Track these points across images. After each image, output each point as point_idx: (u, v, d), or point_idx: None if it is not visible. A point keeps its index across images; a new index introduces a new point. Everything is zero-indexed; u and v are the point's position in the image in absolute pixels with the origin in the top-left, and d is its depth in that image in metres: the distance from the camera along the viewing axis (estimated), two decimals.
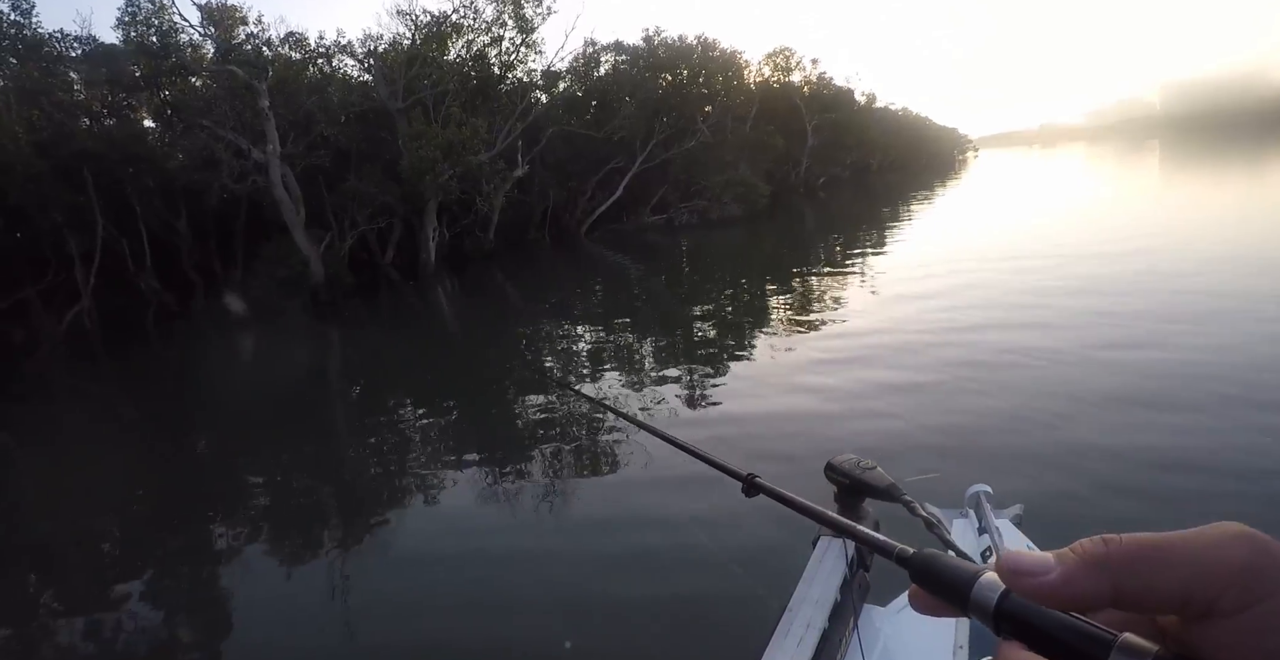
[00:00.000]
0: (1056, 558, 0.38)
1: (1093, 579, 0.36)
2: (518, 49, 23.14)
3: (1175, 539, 0.36)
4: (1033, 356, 8.38)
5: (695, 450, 0.89)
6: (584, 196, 28.72)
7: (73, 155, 15.95)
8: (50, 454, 9.76)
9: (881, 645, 1.73)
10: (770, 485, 0.72)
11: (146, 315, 18.61)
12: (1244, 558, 0.34)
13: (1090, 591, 0.36)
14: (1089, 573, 0.36)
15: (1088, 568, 0.37)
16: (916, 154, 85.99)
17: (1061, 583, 0.37)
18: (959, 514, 2.42)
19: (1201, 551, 0.35)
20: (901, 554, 0.46)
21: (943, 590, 0.41)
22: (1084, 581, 0.36)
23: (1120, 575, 0.36)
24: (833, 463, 1.77)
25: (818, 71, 47.59)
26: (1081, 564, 0.37)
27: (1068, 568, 0.37)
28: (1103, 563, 0.36)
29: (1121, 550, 0.36)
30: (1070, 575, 0.37)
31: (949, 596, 0.40)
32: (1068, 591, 0.37)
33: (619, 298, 17.24)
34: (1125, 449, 5.76)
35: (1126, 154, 68.35)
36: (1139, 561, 0.36)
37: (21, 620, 5.30)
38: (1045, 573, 0.37)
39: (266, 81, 16.69)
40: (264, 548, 6.04)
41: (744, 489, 0.78)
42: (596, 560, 5.11)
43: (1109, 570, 0.36)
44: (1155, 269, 12.40)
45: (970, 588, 0.39)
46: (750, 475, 0.78)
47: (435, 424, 9.24)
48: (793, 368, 9.33)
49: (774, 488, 0.70)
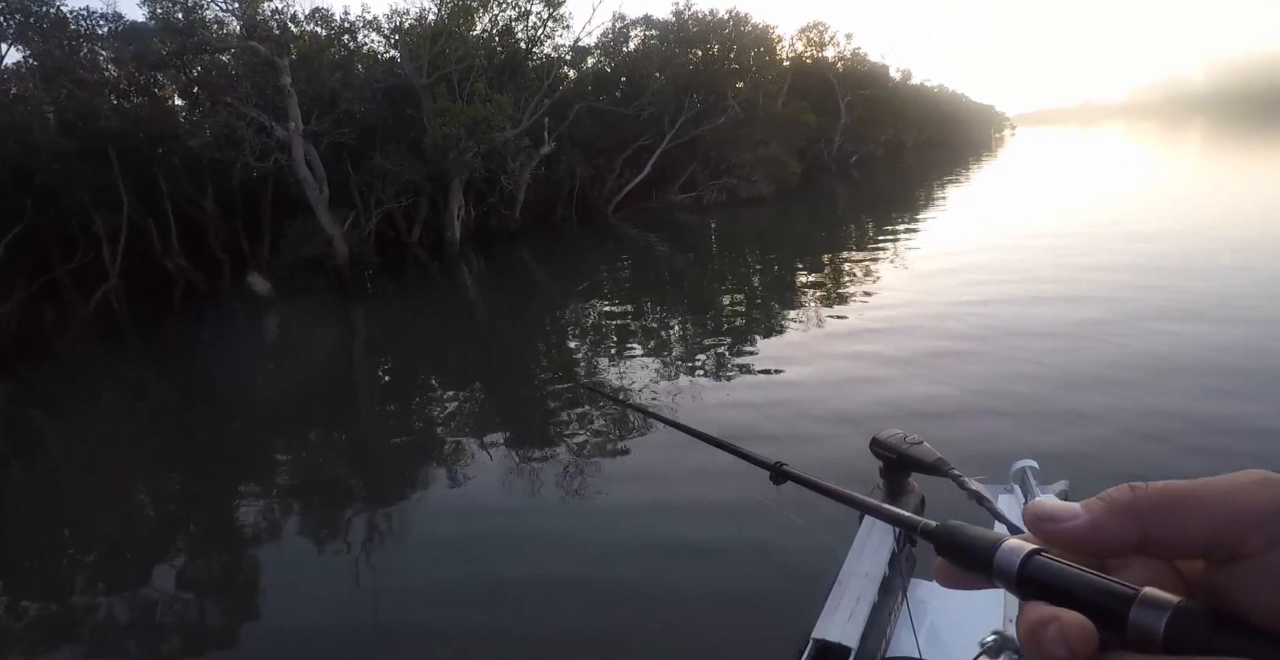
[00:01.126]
0: (1084, 506, 0.38)
1: (1121, 524, 0.37)
2: (544, 23, 22.61)
3: (1201, 485, 0.36)
4: (1081, 332, 8.15)
5: (721, 442, 0.86)
6: (612, 174, 28.23)
7: (97, 134, 15.82)
8: (80, 434, 9.82)
9: (930, 619, 1.71)
10: (797, 471, 0.71)
11: (173, 294, 18.59)
12: (1269, 500, 0.34)
13: (1118, 536, 0.37)
14: (1117, 518, 0.37)
15: (1116, 514, 0.37)
16: (952, 132, 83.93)
17: (1090, 528, 0.37)
18: (1004, 489, 2.39)
19: (1227, 495, 0.35)
20: (925, 527, 0.45)
21: (967, 560, 0.41)
22: (1112, 527, 0.37)
23: (1148, 520, 0.36)
24: (878, 438, 1.78)
25: (852, 47, 46.40)
26: (1109, 510, 0.37)
27: (1095, 514, 0.37)
28: (1130, 508, 0.37)
29: (1148, 496, 0.37)
30: (1098, 521, 0.37)
31: (973, 566, 0.40)
32: (1096, 537, 0.37)
33: (646, 277, 16.87)
34: (1176, 422, 5.66)
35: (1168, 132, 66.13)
36: (1166, 507, 0.36)
37: (55, 596, 5.38)
38: (1073, 518, 0.38)
39: (288, 58, 16.37)
40: (289, 526, 6.08)
41: (771, 477, 0.78)
42: (633, 542, 4.96)
43: (1136, 516, 0.37)
44: (1196, 248, 11.83)
45: (993, 554, 0.39)
46: (778, 463, 0.78)
47: (456, 406, 9.06)
48: (829, 344, 9.06)
49: (801, 474, 0.69)
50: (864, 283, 12.86)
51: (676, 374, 8.66)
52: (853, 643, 1.52)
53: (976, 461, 4.84)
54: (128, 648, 4.70)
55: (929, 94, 73.44)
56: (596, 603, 4.37)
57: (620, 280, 16.74)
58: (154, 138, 16.84)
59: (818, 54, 43.10)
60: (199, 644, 4.64)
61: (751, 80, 32.03)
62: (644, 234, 23.53)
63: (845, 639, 1.53)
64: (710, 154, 30.18)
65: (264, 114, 16.59)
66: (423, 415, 8.86)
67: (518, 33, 22.51)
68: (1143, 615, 0.34)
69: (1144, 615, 0.34)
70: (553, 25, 22.82)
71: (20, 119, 14.68)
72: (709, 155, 30.25)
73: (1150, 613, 0.34)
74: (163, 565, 5.63)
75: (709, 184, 30.26)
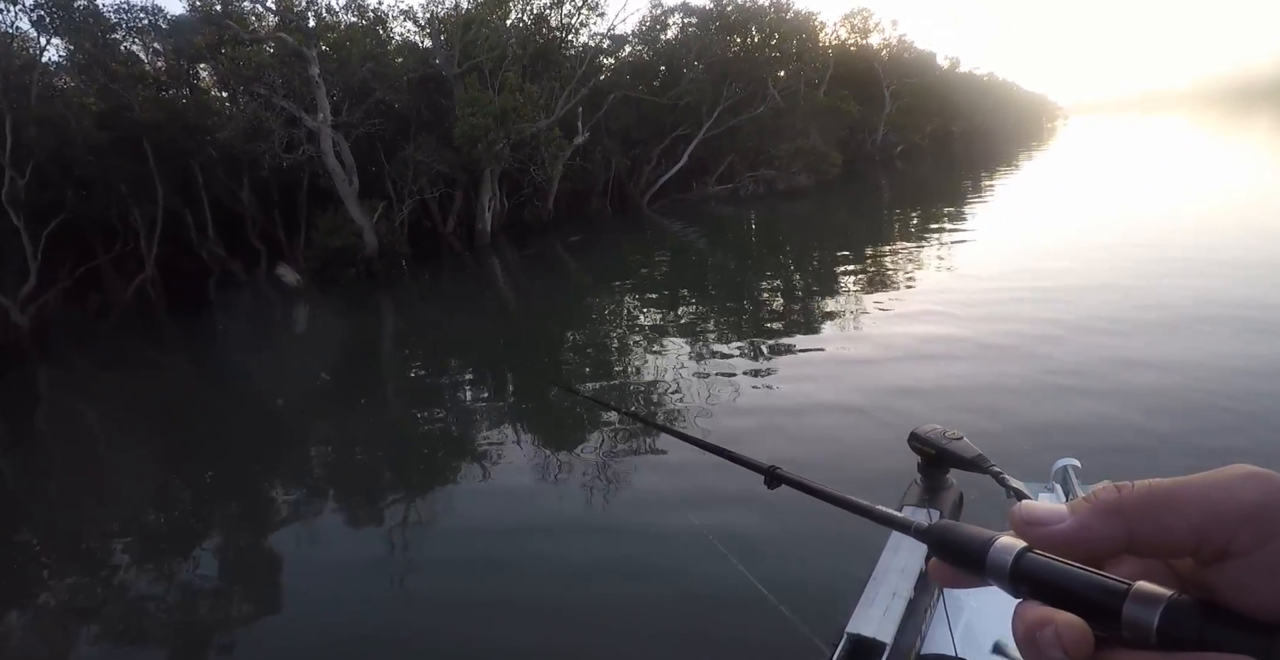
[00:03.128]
0: (1070, 508, 0.38)
1: (1107, 524, 0.36)
2: (579, 10, 22.25)
3: (1187, 482, 0.36)
4: (1133, 331, 7.73)
5: (716, 446, 0.87)
6: (649, 165, 27.82)
7: (132, 126, 15.99)
8: (112, 419, 10.04)
9: (966, 617, 1.69)
10: (790, 475, 0.73)
11: (208, 284, 18.82)
12: (1256, 497, 0.34)
13: (1105, 536, 0.36)
14: (1103, 519, 0.36)
15: (1102, 514, 0.37)
16: (1002, 121, 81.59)
17: (1076, 529, 0.37)
18: (1044, 488, 2.31)
19: (1214, 493, 0.35)
20: (918, 528, 0.45)
21: (961, 559, 0.41)
22: (1099, 527, 0.36)
23: (1134, 519, 0.36)
24: (917, 432, 1.75)
25: (898, 34, 45.20)
26: (1095, 511, 0.37)
27: (1081, 515, 0.37)
28: (1116, 509, 0.36)
29: (1135, 496, 0.36)
30: (1084, 522, 0.37)
31: (967, 564, 0.40)
32: (1083, 537, 0.37)
33: (681, 271, 16.50)
34: (1234, 424, 5.38)
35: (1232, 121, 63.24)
36: (1152, 505, 0.36)
37: (85, 576, 5.55)
38: (1059, 521, 0.37)
39: (316, 48, 16.30)
40: (312, 518, 6.10)
41: (765, 481, 0.78)
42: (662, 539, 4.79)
43: (1123, 515, 0.36)
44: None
45: (986, 552, 0.39)
46: (772, 467, 0.78)
47: (475, 403, 8.90)
48: (869, 343, 8.65)
49: (794, 477, 0.71)
50: (905, 279, 12.31)
51: (695, 377, 8.30)
52: (888, 638, 1.51)
53: (1016, 459, 4.42)
54: (150, 629, 4.77)
55: (977, 82, 71.45)
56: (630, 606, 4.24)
57: (651, 276, 16.41)
58: (190, 129, 16.98)
59: (861, 41, 42.06)
60: (216, 631, 4.67)
61: (792, 68, 31.27)
62: (678, 225, 23.12)
63: (880, 634, 1.52)
64: (748, 145, 29.57)
65: (293, 105, 16.58)
66: (434, 409, 8.74)
67: (551, 20, 22.20)
68: (1136, 610, 0.34)
69: (1137, 610, 0.34)
70: (587, 12, 22.45)
71: (56, 112, 14.88)
72: (747, 146, 29.64)
73: (1143, 608, 0.34)
74: (187, 550, 5.73)
75: (746, 175, 29.67)
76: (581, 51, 23.11)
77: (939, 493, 1.83)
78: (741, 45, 29.22)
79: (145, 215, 17.39)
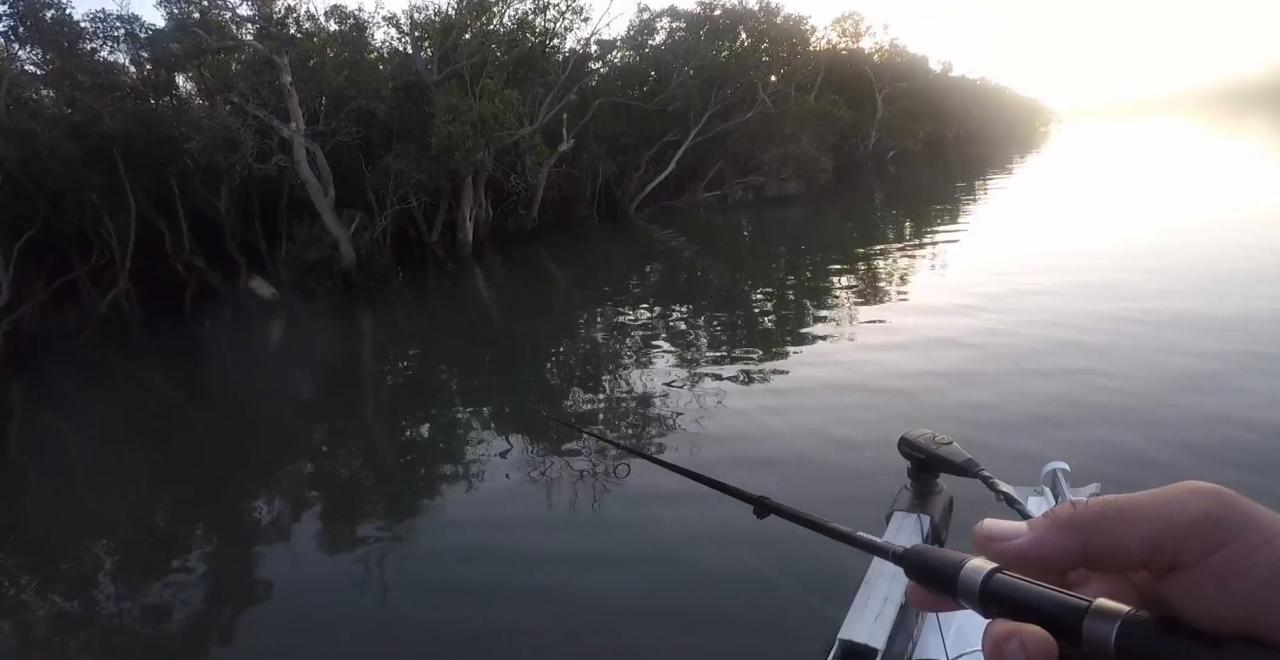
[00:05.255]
0: (1029, 524, 0.40)
1: (1063, 538, 0.38)
2: (563, 15, 21.94)
3: (1139, 497, 0.38)
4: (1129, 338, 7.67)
5: (705, 477, 0.85)
6: (638, 171, 27.48)
7: (102, 137, 15.64)
8: (90, 434, 9.95)
9: (957, 623, 1.68)
10: (780, 504, 0.73)
11: (183, 298, 18.47)
12: (1203, 509, 0.36)
13: (1060, 551, 0.38)
14: (1059, 533, 0.38)
15: (1058, 529, 0.39)
16: (995, 125, 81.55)
17: (1033, 544, 0.39)
18: (1034, 491, 2.34)
19: (1163, 506, 0.37)
20: (895, 552, 0.47)
21: (935, 582, 0.43)
22: (1055, 541, 0.38)
23: (1089, 533, 0.38)
24: (907, 438, 1.76)
25: (890, 37, 45.07)
26: (1051, 526, 0.39)
27: (1038, 531, 0.39)
28: (1070, 524, 0.38)
29: (1088, 511, 0.38)
30: (1041, 537, 0.39)
31: (941, 587, 0.42)
32: (1040, 552, 0.39)
33: (668, 281, 16.18)
34: (1215, 428, 5.43)
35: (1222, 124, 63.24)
36: (1104, 520, 0.38)
37: (64, 592, 5.49)
38: (1018, 536, 0.40)
39: (287, 56, 15.96)
40: (290, 537, 5.99)
41: (755, 511, 0.78)
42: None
43: (1077, 529, 0.38)
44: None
45: (958, 575, 0.41)
46: (761, 498, 0.78)
47: (448, 419, 8.67)
48: (861, 355, 8.54)
49: (784, 507, 0.71)
50: (895, 288, 12.09)
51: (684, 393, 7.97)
52: (879, 644, 1.52)
53: (1007, 463, 4.24)
54: (130, 647, 4.74)
55: (970, 86, 71.44)
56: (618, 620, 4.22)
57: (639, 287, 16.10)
58: (163, 140, 16.64)
59: (853, 45, 41.91)
60: (194, 651, 4.62)
61: (783, 73, 31.00)
62: (666, 233, 22.79)
63: (872, 640, 1.53)
64: (738, 150, 29.28)
65: (266, 113, 16.23)
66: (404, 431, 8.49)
67: (535, 26, 21.87)
68: (1095, 626, 0.35)
69: (1096, 626, 0.35)
70: (571, 17, 22.14)
71: (22, 123, 14.54)
72: (737, 152, 29.35)
73: (1102, 623, 0.35)
74: (165, 568, 5.64)
75: (735, 182, 29.38)
76: (568, 56, 22.80)
77: (929, 497, 1.85)
78: (731, 50, 28.97)
79: (118, 227, 17.02)
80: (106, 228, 16.89)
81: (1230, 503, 0.36)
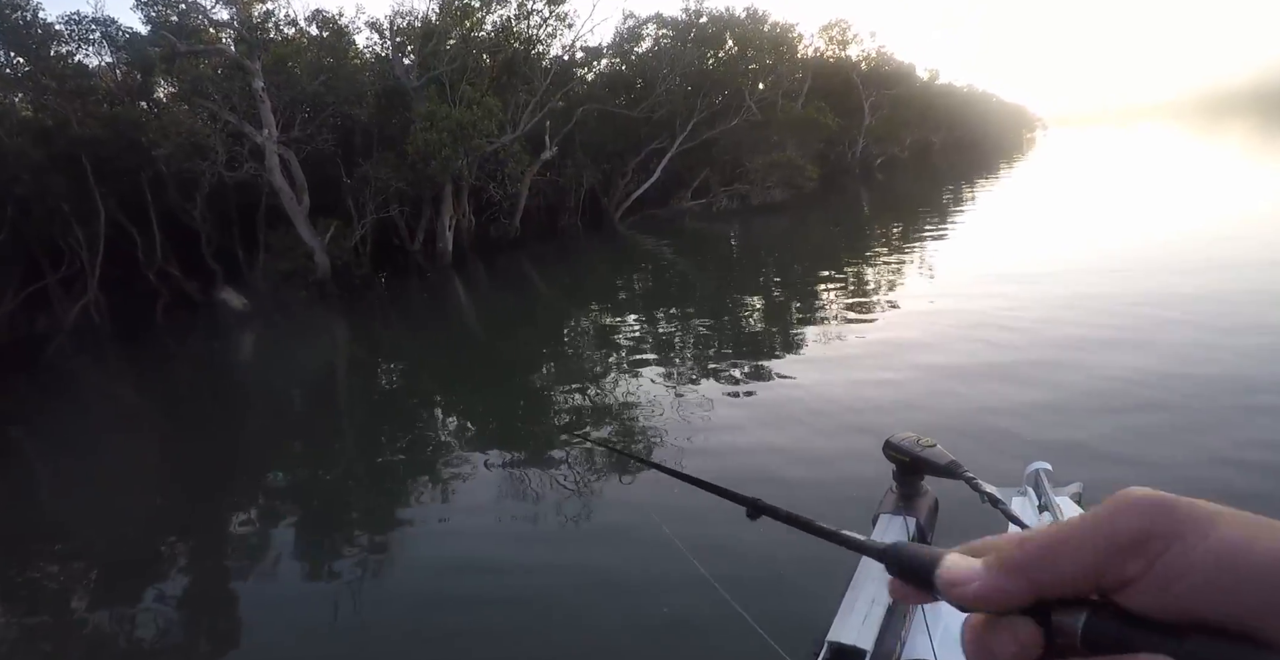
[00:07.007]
0: (984, 564, 0.40)
1: (1011, 582, 0.39)
2: (546, 22, 21.72)
3: (1074, 524, 0.38)
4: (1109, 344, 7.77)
5: (697, 479, 0.86)
6: (623, 179, 27.27)
7: (70, 142, 15.27)
8: (59, 447, 9.58)
9: (944, 623, 1.66)
10: (773, 506, 0.74)
11: (155, 307, 18.09)
12: (1135, 526, 0.36)
13: (1012, 593, 0.38)
14: (1006, 578, 0.39)
15: (1004, 573, 0.39)
16: (982, 132, 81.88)
17: (985, 590, 0.39)
18: (1018, 492, 2.36)
19: (1097, 530, 0.37)
20: (875, 549, 0.48)
21: (914, 577, 0.44)
22: (1004, 586, 0.39)
23: (1034, 572, 0.38)
24: (891, 441, 1.80)
25: (877, 45, 45.13)
26: (999, 571, 0.39)
27: (986, 578, 0.39)
28: (1016, 565, 0.39)
29: (1031, 549, 0.39)
30: (990, 584, 0.39)
31: (919, 582, 0.43)
32: (993, 598, 0.39)
33: (655, 289, 15.96)
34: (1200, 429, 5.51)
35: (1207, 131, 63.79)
36: (1046, 556, 0.38)
37: (38, 612, 5.31)
38: (973, 581, 0.40)
39: (261, 61, 15.63)
40: (268, 550, 5.86)
41: (748, 512, 0.79)
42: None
43: (1022, 570, 0.38)
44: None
45: (934, 570, 0.42)
46: (754, 499, 0.79)
47: (421, 432, 8.47)
48: (850, 363, 8.41)
49: (777, 508, 0.72)
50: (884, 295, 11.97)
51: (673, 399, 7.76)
52: (868, 645, 1.54)
53: (990, 464, 4.04)
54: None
55: (957, 93, 71.72)
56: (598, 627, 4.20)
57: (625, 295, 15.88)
58: (134, 145, 16.27)
59: (840, 53, 41.91)
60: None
61: (770, 81, 30.90)
62: (651, 241, 22.61)
63: (860, 642, 1.54)
64: (724, 158, 29.14)
65: (238, 119, 15.89)
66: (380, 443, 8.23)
67: (519, 33, 21.64)
68: (1064, 617, 0.37)
69: (1065, 617, 0.37)
70: (555, 23, 21.93)
71: None
72: (723, 159, 29.20)
73: (1070, 614, 0.37)
74: (140, 583, 5.44)
75: (720, 190, 29.22)
76: (552, 63, 22.56)
77: (914, 499, 1.86)
78: (717, 57, 28.84)
79: (88, 234, 16.64)
80: (75, 235, 16.51)
81: (1161, 510, 0.36)
